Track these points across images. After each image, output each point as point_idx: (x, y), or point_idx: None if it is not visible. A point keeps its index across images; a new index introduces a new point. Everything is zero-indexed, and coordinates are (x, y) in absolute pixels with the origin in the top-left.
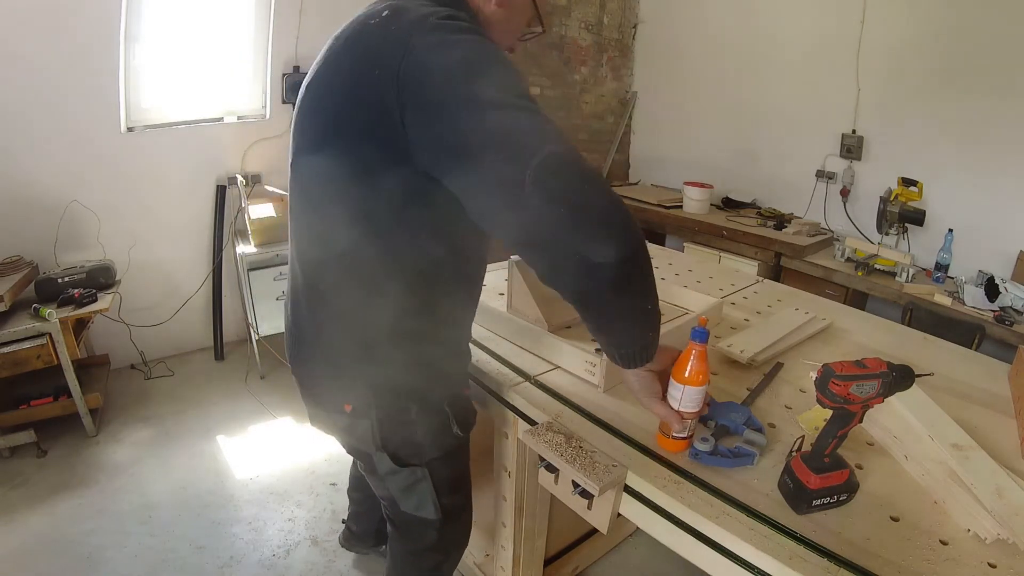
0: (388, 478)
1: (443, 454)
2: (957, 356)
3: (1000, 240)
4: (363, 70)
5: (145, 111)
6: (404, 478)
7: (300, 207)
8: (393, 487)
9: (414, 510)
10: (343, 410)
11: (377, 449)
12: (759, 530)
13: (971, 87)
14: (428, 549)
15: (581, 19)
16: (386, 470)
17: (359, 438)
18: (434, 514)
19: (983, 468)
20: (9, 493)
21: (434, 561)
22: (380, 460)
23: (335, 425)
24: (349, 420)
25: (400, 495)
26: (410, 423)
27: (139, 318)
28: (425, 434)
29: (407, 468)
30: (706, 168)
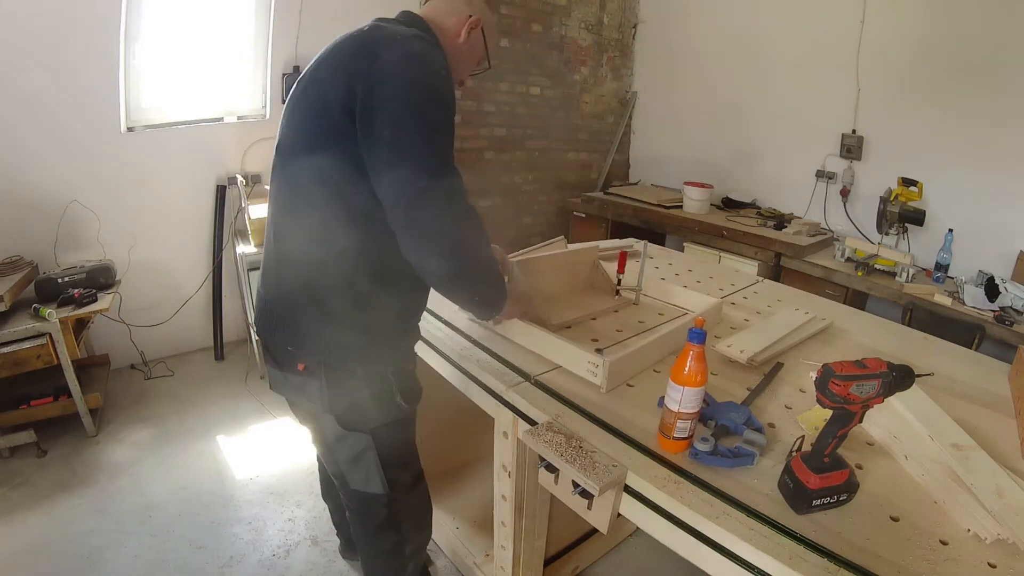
0: (336, 447)
1: (388, 423)
2: (957, 356)
3: (1000, 240)
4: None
5: (145, 111)
6: (350, 446)
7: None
8: (341, 457)
9: (362, 486)
10: (297, 369)
11: (324, 410)
12: (759, 530)
13: (971, 87)
14: (381, 527)
15: (581, 19)
16: (333, 436)
17: (309, 397)
18: (381, 488)
19: (983, 468)
20: (9, 493)
21: (391, 542)
22: (328, 424)
23: (289, 386)
24: (302, 379)
25: (348, 468)
26: (356, 387)
27: (139, 318)
28: (370, 399)
29: (353, 433)
30: (706, 168)
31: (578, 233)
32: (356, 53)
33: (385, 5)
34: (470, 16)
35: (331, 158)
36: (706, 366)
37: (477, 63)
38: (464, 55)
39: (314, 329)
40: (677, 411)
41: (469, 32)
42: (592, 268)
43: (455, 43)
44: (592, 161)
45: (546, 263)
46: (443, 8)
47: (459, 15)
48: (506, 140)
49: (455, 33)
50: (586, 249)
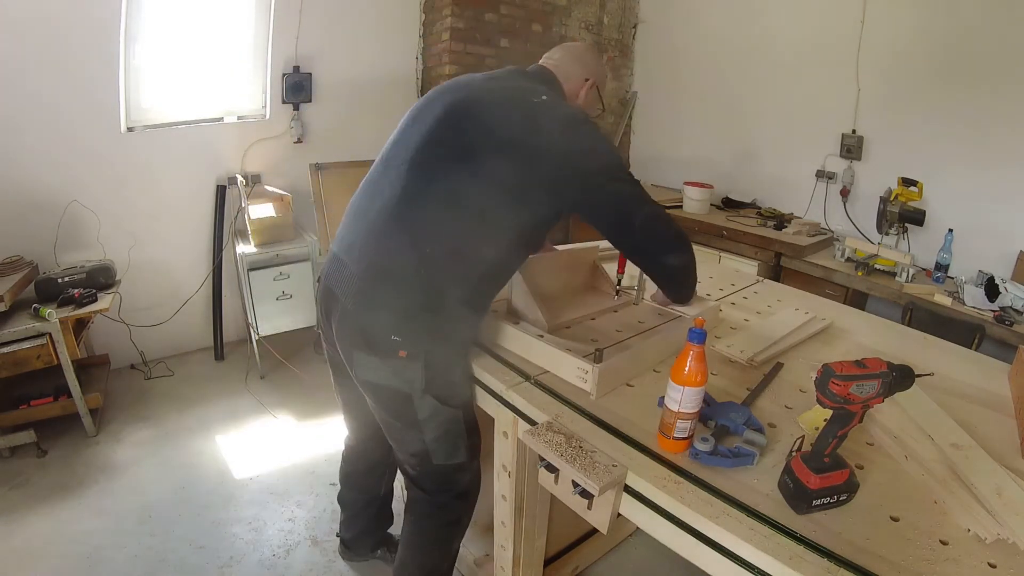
0: (426, 425)
1: (469, 396)
2: (957, 356)
3: (1000, 240)
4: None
5: (145, 111)
6: (443, 422)
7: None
8: (428, 436)
9: (447, 459)
10: (398, 355)
11: (422, 391)
12: (759, 530)
13: (971, 87)
14: (458, 496)
15: (581, 19)
16: (427, 413)
17: (407, 381)
18: (465, 455)
19: (983, 468)
20: (9, 493)
21: (457, 512)
22: (423, 404)
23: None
24: (402, 364)
25: (434, 445)
26: (452, 370)
27: (139, 318)
28: (462, 376)
29: (448, 408)
30: (706, 168)
31: (578, 233)
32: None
33: (385, 5)
34: (586, 80)
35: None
36: (706, 366)
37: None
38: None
39: (421, 325)
40: (677, 411)
41: (587, 93)
42: (592, 268)
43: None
44: None
45: (546, 263)
46: (564, 70)
47: (578, 80)
48: None
49: (574, 94)
50: (586, 249)
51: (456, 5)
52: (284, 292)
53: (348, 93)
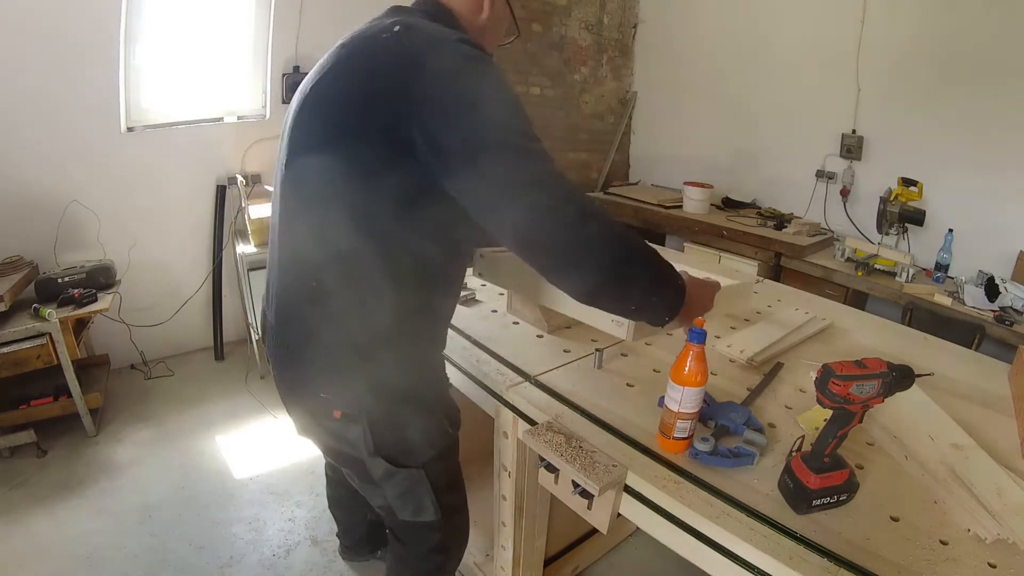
0: (384, 484)
1: (437, 453)
2: (957, 356)
3: (1000, 240)
4: (374, 82)
5: (145, 111)
6: (400, 481)
7: (295, 207)
8: (390, 494)
9: (413, 516)
10: (332, 416)
11: (370, 454)
12: (759, 530)
13: (971, 87)
14: (431, 551)
15: (581, 19)
16: (381, 474)
17: (350, 444)
18: (434, 515)
19: (983, 468)
20: (9, 493)
21: (436, 562)
22: (374, 465)
23: (324, 432)
24: (339, 426)
25: (397, 503)
26: (403, 425)
27: (139, 318)
28: (419, 435)
29: (404, 470)
30: (706, 168)
31: None
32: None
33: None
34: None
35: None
36: (706, 366)
37: (506, 33)
38: (490, 31)
39: (345, 370)
40: (677, 411)
41: (492, 3)
42: None
43: (478, 21)
44: (592, 161)
45: None
46: None
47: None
48: None
49: (476, 9)
50: None
51: None
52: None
53: None
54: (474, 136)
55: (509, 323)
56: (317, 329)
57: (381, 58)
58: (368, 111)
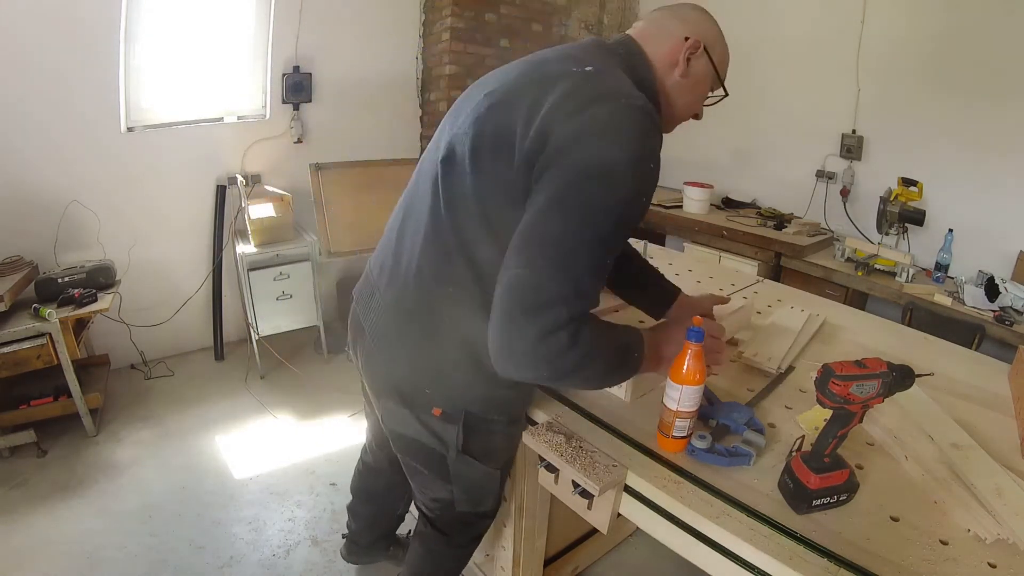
0: (456, 479)
1: (511, 457)
2: (957, 356)
3: (1000, 240)
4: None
5: (145, 111)
6: (476, 479)
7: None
8: (459, 486)
9: (473, 508)
10: (431, 413)
11: (457, 453)
12: (759, 530)
13: (971, 87)
14: (472, 540)
15: (581, 19)
16: (461, 470)
17: (440, 441)
18: (493, 504)
19: (983, 468)
20: (9, 493)
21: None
22: (456, 461)
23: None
24: (436, 422)
25: (462, 496)
26: (491, 433)
27: (139, 318)
28: (505, 441)
29: (483, 467)
30: (706, 168)
31: None
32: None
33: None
34: (686, 39)
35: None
36: (704, 365)
37: (710, 90)
38: (686, 90)
39: (465, 381)
40: (676, 410)
41: (688, 60)
42: None
43: (671, 79)
44: None
45: None
46: (652, 32)
47: (672, 40)
48: None
49: (671, 64)
50: None
51: (456, 5)
52: (284, 292)
53: (348, 93)
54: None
55: None
56: (432, 327)
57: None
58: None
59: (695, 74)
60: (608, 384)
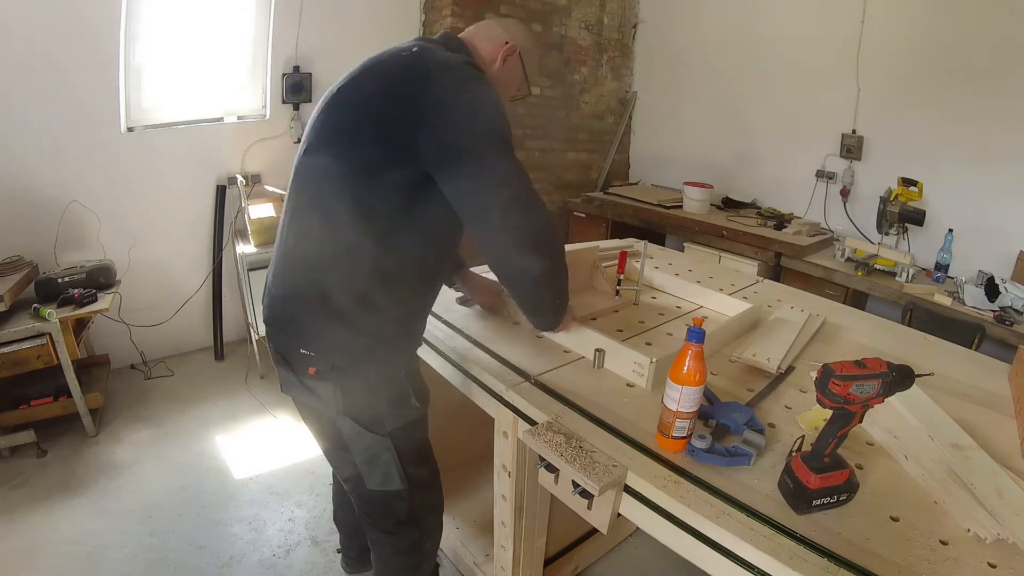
0: (353, 447)
1: (404, 424)
2: (957, 356)
3: (1000, 240)
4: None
5: (145, 111)
6: (368, 447)
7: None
8: (358, 459)
9: (380, 485)
10: (308, 373)
11: (338, 413)
12: (759, 530)
13: (971, 87)
14: (401, 524)
15: (581, 19)
16: (350, 433)
17: (323, 400)
18: (400, 484)
19: (983, 468)
20: (9, 493)
21: (410, 539)
22: (343, 424)
23: (302, 388)
24: (314, 382)
25: (365, 468)
26: (371, 391)
27: (139, 318)
28: (386, 404)
29: (370, 434)
30: (706, 168)
31: (578, 233)
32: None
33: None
34: (506, 43)
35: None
36: (705, 365)
37: (516, 88)
38: (500, 82)
39: (325, 331)
40: (676, 410)
41: (504, 59)
42: (592, 268)
43: (490, 70)
44: (592, 161)
45: None
46: (481, 34)
47: (495, 42)
48: None
49: (491, 59)
50: (586, 249)
51: (456, 5)
52: None
53: None
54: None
55: (509, 323)
56: (304, 294)
57: (398, 70)
58: (381, 113)
59: (508, 70)
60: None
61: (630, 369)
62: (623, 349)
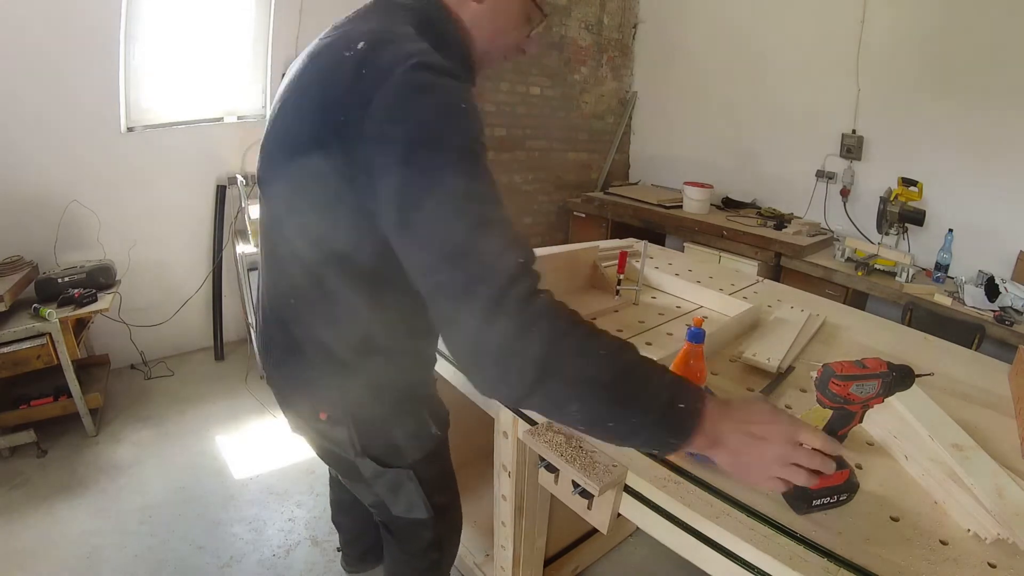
0: (375, 482)
1: (425, 455)
2: (957, 356)
3: (1000, 240)
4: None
5: (145, 111)
6: (390, 480)
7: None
8: (381, 490)
9: (405, 512)
10: (319, 418)
11: (357, 455)
12: (759, 530)
13: (971, 87)
14: (425, 549)
15: (581, 19)
16: (371, 473)
17: (339, 445)
18: (426, 513)
19: (983, 468)
20: (9, 493)
21: (431, 560)
22: (363, 465)
23: (314, 432)
24: (325, 427)
25: (389, 498)
26: (388, 428)
27: (139, 318)
28: (405, 437)
29: (392, 470)
30: (706, 168)
31: (578, 233)
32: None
33: None
34: None
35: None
36: (705, 365)
37: (526, 20)
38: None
39: (334, 383)
40: None
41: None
42: (592, 268)
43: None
44: (592, 161)
45: (546, 263)
46: None
47: None
48: (506, 140)
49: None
50: (586, 249)
51: None
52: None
53: None
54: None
55: None
56: (299, 335)
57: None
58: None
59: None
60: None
61: None
62: None
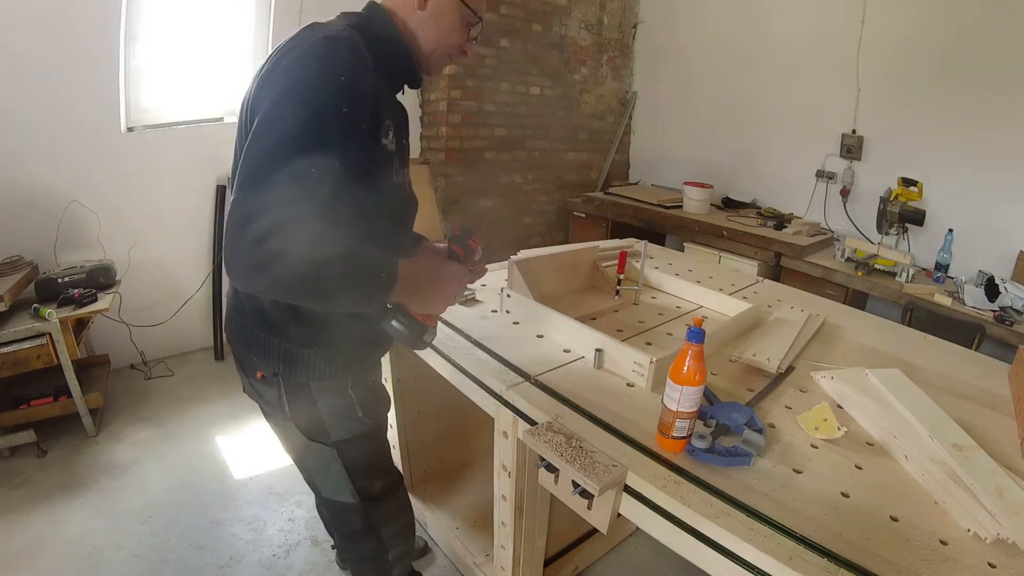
0: (304, 455)
1: (350, 437)
2: (957, 356)
3: (1000, 240)
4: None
5: (145, 111)
6: (316, 456)
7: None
8: (310, 465)
9: (333, 495)
10: (256, 377)
11: (285, 419)
12: (759, 530)
13: (971, 87)
14: (359, 533)
15: (581, 19)
16: (300, 444)
17: (271, 405)
18: (351, 498)
19: (983, 468)
20: (9, 493)
21: (371, 547)
22: (293, 432)
23: (255, 392)
24: (262, 386)
25: (319, 476)
26: (312, 401)
27: (139, 318)
28: (329, 414)
29: (317, 444)
30: (706, 168)
31: (578, 233)
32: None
33: None
34: None
35: None
36: (704, 365)
37: (465, 26)
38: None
39: (263, 339)
40: (676, 410)
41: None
42: (592, 268)
43: (414, 18)
44: (592, 161)
45: (546, 263)
46: None
47: None
48: (506, 140)
49: (409, 5)
50: (586, 249)
51: None
52: None
53: None
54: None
55: (509, 323)
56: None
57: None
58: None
59: (439, 8)
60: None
61: (630, 369)
62: (623, 349)
